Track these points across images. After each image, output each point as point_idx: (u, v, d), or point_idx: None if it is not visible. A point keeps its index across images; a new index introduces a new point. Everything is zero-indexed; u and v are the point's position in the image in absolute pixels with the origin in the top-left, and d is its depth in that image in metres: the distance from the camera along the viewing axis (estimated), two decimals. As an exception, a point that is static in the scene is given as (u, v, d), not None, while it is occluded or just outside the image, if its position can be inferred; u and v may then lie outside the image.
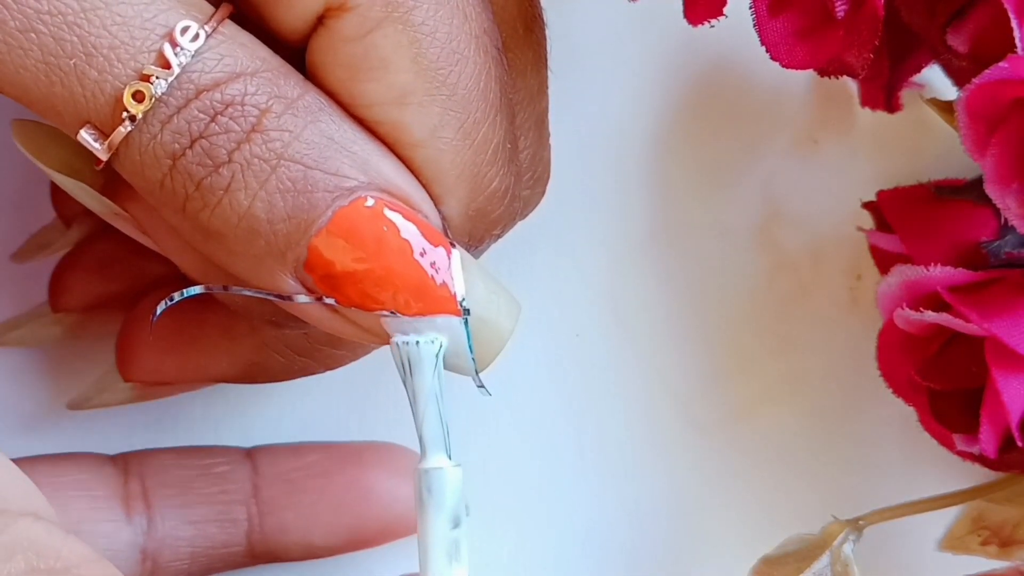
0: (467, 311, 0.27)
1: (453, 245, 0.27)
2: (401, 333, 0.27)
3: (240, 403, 0.36)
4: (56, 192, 0.34)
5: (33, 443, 0.35)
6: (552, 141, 0.32)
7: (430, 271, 0.27)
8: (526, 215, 0.32)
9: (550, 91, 0.32)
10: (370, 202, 0.26)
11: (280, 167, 0.26)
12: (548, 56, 0.32)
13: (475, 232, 0.29)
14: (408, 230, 0.27)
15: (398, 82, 0.26)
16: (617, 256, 0.37)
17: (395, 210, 0.26)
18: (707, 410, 0.37)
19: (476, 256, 0.29)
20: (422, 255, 0.27)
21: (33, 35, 0.25)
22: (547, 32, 0.32)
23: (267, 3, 0.27)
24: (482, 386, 0.28)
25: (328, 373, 0.32)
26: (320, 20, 0.26)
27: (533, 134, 0.31)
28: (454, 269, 0.27)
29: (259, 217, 0.26)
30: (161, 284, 0.32)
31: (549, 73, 0.32)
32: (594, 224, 0.37)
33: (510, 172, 0.29)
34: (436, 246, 0.27)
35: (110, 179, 0.28)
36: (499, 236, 0.30)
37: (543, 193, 0.32)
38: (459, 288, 0.27)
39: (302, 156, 0.26)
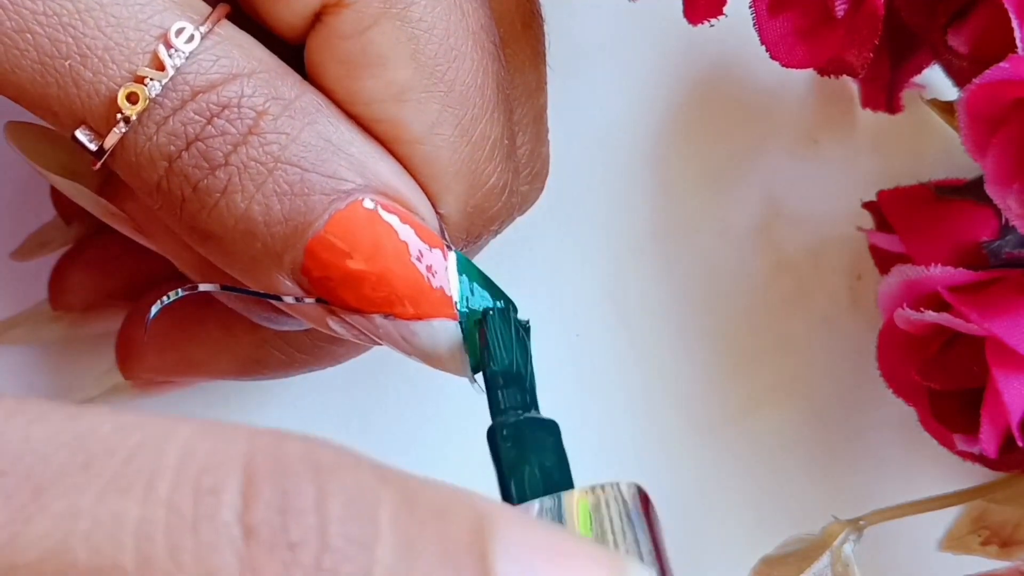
0: (463, 314, 0.27)
1: (450, 248, 0.27)
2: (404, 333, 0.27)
3: (241, 401, 0.36)
4: (56, 190, 0.34)
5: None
6: (552, 140, 0.32)
7: (426, 275, 0.27)
8: (524, 211, 0.32)
9: (550, 90, 0.32)
10: (367, 204, 0.26)
11: (277, 170, 0.26)
12: (547, 53, 0.32)
13: (472, 228, 0.29)
14: (405, 233, 0.26)
15: (396, 79, 0.26)
16: (617, 256, 0.37)
17: (392, 212, 0.26)
18: (707, 410, 0.37)
19: (474, 253, 0.29)
20: (419, 258, 0.27)
21: (29, 36, 0.25)
22: (547, 30, 0.32)
23: (265, 0, 0.27)
24: (476, 383, 0.28)
25: (329, 371, 0.32)
26: (318, 16, 0.26)
27: (531, 130, 0.31)
28: (450, 272, 0.27)
29: (256, 220, 0.26)
30: (162, 281, 0.32)
31: (548, 71, 0.32)
32: (594, 224, 0.37)
33: (508, 168, 0.29)
34: (432, 248, 0.27)
35: (106, 179, 0.28)
36: (496, 232, 0.30)
37: (541, 189, 0.32)
38: (455, 291, 0.27)
39: (299, 159, 0.26)
